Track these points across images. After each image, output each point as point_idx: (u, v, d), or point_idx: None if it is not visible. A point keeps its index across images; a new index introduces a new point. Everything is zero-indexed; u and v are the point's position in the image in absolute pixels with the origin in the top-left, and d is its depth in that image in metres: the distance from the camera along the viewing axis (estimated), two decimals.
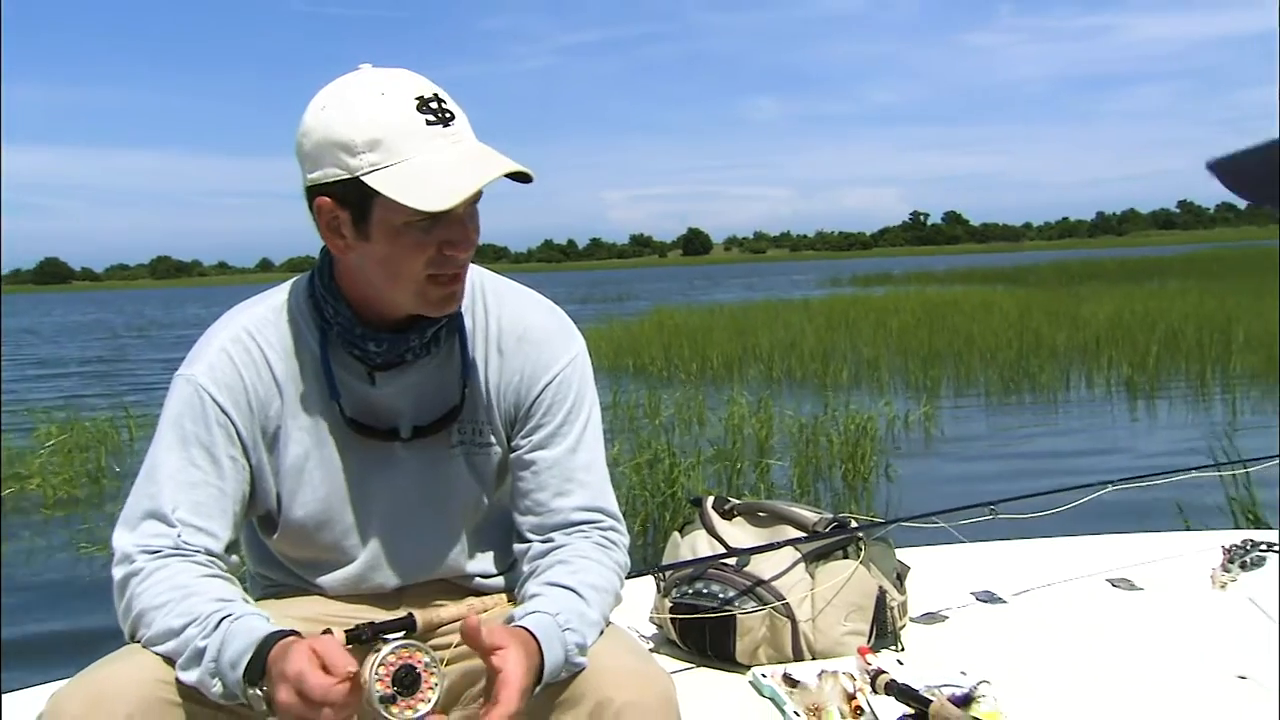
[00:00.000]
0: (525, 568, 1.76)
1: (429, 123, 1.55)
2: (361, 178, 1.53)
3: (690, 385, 13.37)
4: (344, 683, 1.39)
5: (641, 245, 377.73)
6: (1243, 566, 2.89)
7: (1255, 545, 3.00)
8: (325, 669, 1.39)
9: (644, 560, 5.09)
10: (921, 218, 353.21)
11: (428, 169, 1.53)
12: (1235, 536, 3.13)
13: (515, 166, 1.56)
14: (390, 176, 1.53)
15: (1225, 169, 1.12)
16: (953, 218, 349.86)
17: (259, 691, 1.45)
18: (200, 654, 1.49)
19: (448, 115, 1.57)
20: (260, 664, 1.46)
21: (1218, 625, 2.56)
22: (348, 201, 1.57)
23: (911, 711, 1.76)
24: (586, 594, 1.65)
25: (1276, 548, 3.00)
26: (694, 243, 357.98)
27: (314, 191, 1.60)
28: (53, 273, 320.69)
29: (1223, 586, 2.82)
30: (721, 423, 10.23)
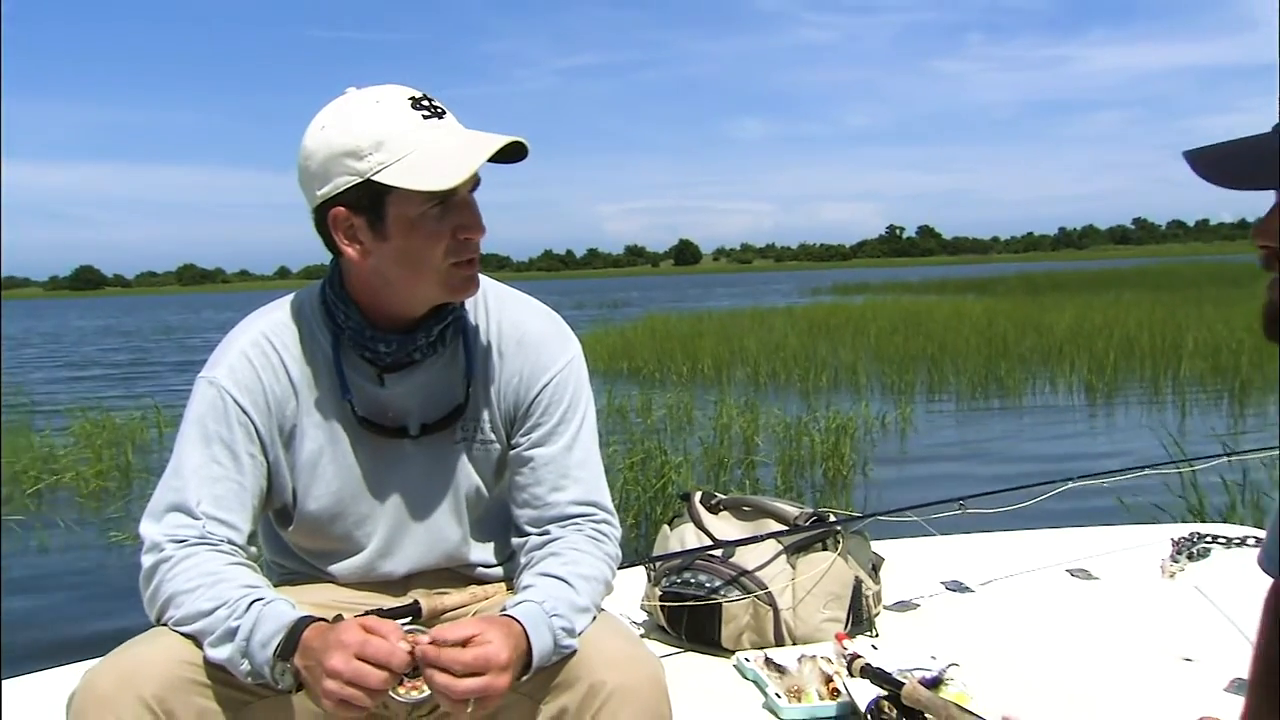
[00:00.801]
0: (522, 559, 1.76)
1: (424, 117, 1.57)
2: (373, 178, 1.55)
3: (681, 387, 13.35)
4: (401, 653, 1.42)
5: (635, 255, 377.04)
6: (1190, 557, 2.91)
7: (1201, 538, 3.01)
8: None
9: (635, 552, 5.09)
10: (897, 231, 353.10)
11: (432, 155, 1.55)
12: (1183, 530, 3.14)
13: (510, 139, 1.57)
14: (399, 169, 1.54)
15: (1198, 157, 1.16)
16: (926, 231, 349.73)
17: (288, 665, 1.46)
18: (232, 633, 1.50)
19: (439, 110, 1.60)
20: (291, 645, 1.47)
21: (1166, 611, 2.57)
22: (362, 206, 1.58)
23: (885, 693, 1.75)
24: (576, 583, 1.65)
25: (1220, 540, 3.02)
26: (684, 253, 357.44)
27: (326, 206, 1.61)
28: (87, 279, 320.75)
29: (1171, 576, 2.82)
30: (710, 423, 10.21)
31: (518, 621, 1.53)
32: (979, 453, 9.65)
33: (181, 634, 1.55)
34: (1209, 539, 3.01)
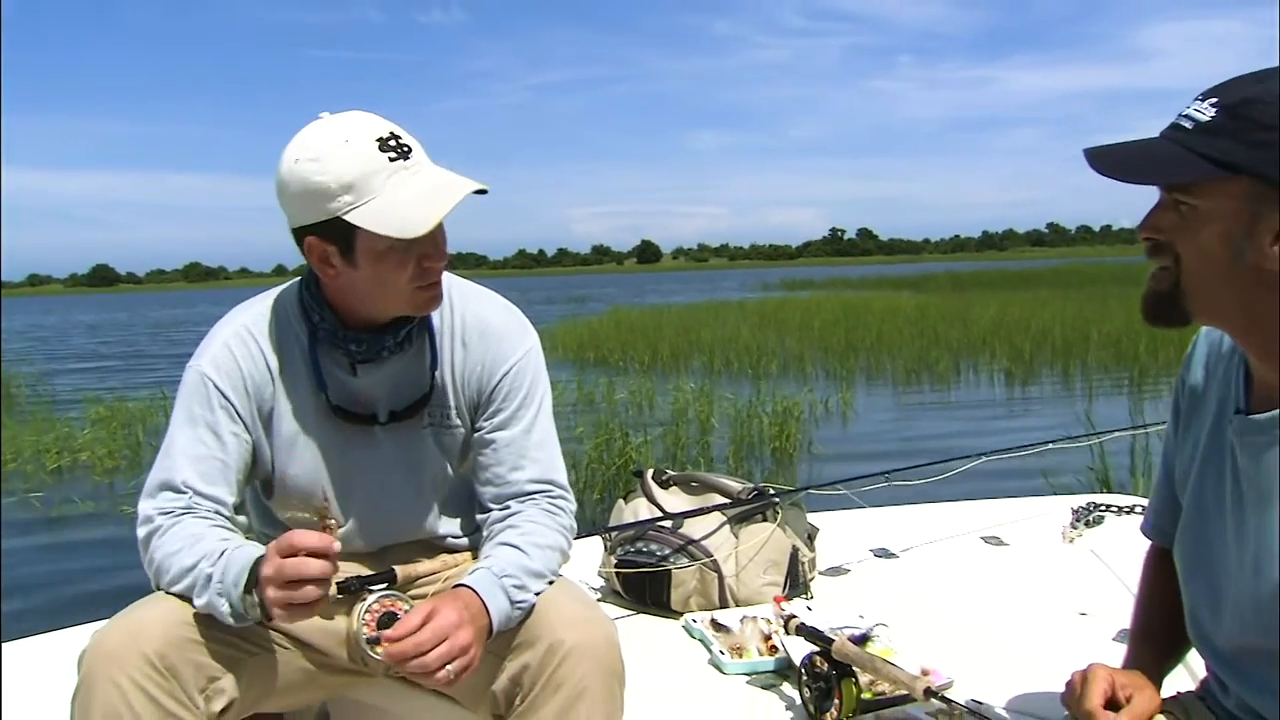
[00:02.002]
0: (485, 533, 1.78)
1: (391, 159, 1.54)
2: (342, 217, 1.53)
3: (642, 375, 13.38)
4: (314, 537, 1.44)
5: (601, 254, 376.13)
6: (1087, 524, 2.94)
7: (1096, 507, 3.05)
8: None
9: (593, 523, 5.12)
10: (839, 233, 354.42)
11: (398, 201, 1.53)
12: (1082, 500, 3.17)
13: (473, 187, 1.56)
14: (366, 212, 1.53)
15: (1098, 155, 1.19)
16: (865, 234, 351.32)
17: (254, 597, 1.48)
18: (209, 579, 1.52)
19: (405, 150, 1.57)
20: (254, 578, 1.48)
21: (1066, 572, 2.60)
22: (333, 237, 1.57)
23: (817, 649, 1.76)
24: (529, 549, 1.66)
25: (1113, 509, 3.05)
26: (646, 253, 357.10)
27: (301, 232, 1.60)
28: (102, 277, 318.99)
29: (1071, 541, 2.85)
30: (669, 407, 10.24)
31: (469, 587, 1.55)
32: (911, 432, 9.74)
33: (175, 594, 1.57)
34: (1103, 508, 3.05)
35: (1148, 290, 1.23)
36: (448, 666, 1.46)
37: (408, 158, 1.56)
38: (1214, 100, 1.15)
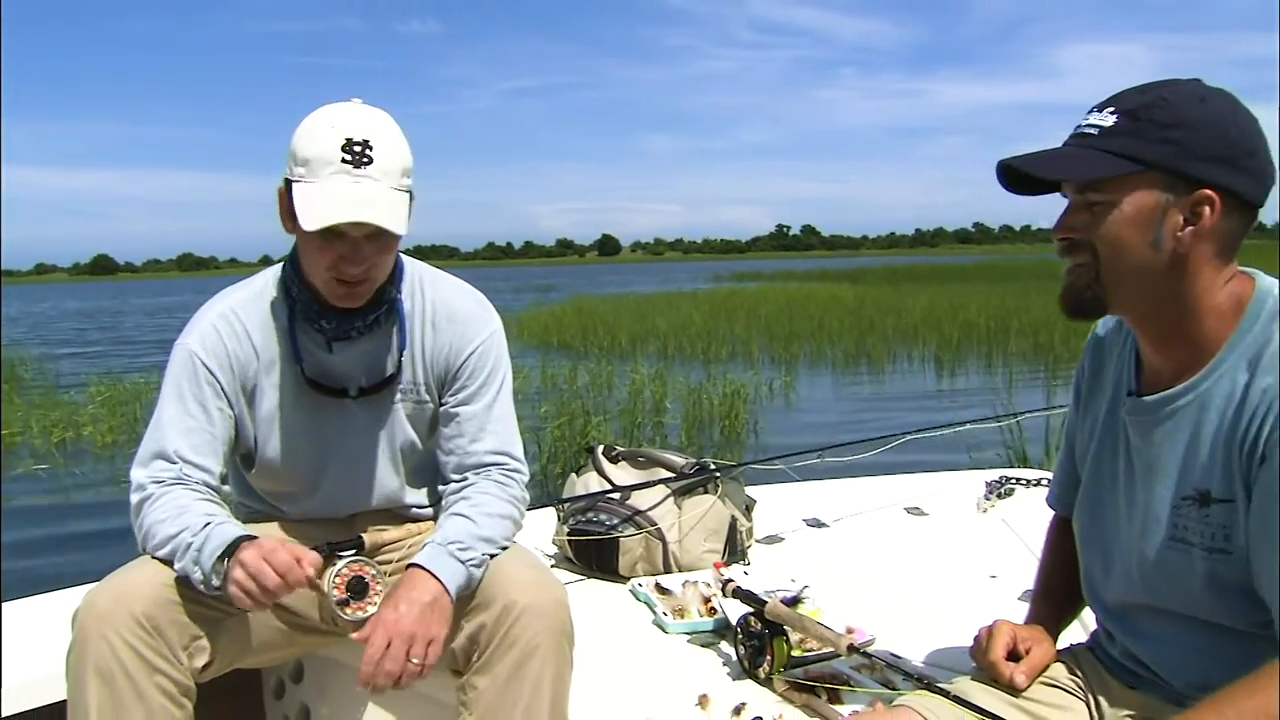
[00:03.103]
0: (443, 503, 1.79)
1: (344, 160, 1.54)
2: (292, 183, 1.56)
3: (602, 359, 13.36)
4: (303, 570, 1.48)
5: (565, 247, 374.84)
6: (999, 496, 2.97)
7: (1008, 480, 3.08)
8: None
9: (549, 494, 5.12)
10: (784, 230, 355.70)
11: (321, 195, 1.54)
12: (995, 474, 3.20)
13: (379, 223, 1.54)
14: (301, 189, 1.55)
15: (1009, 166, 1.22)
16: (808, 230, 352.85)
17: (223, 567, 1.50)
18: (188, 548, 1.53)
19: (365, 160, 1.55)
20: (230, 554, 1.50)
21: (979, 540, 2.63)
22: (289, 195, 1.58)
23: (752, 610, 1.78)
24: (478, 518, 1.68)
25: (1023, 481, 3.09)
26: (607, 246, 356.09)
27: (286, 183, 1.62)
28: (102, 266, 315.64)
29: (984, 511, 2.89)
30: (626, 388, 10.25)
31: (422, 567, 1.56)
32: (849, 412, 9.83)
33: (160, 559, 1.57)
34: (1014, 481, 3.08)
35: (1066, 285, 1.25)
36: (413, 661, 1.50)
37: (359, 167, 1.55)
38: (1112, 109, 1.18)
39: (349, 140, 1.55)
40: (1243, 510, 1.16)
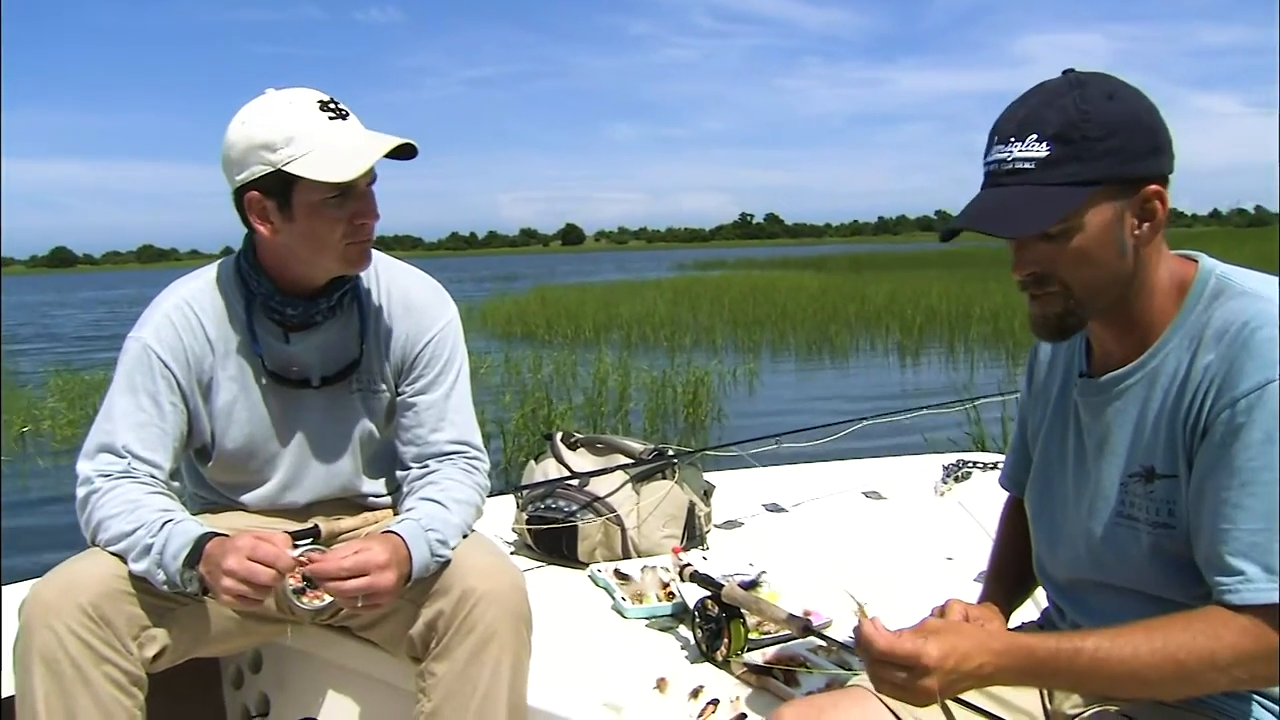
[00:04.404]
0: (405, 489, 1.78)
1: (330, 118, 1.57)
2: (283, 168, 1.54)
3: (566, 347, 13.34)
4: (286, 556, 1.47)
5: (529, 237, 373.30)
6: (956, 479, 2.99)
7: (965, 464, 3.10)
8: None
9: (507, 483, 5.11)
10: (748, 218, 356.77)
11: (333, 151, 1.54)
12: (952, 458, 3.22)
13: (400, 140, 1.58)
14: (305, 162, 1.54)
15: (961, 225, 1.19)
16: (772, 218, 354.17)
17: (193, 573, 1.49)
18: (148, 549, 1.51)
19: (344, 112, 1.59)
20: (196, 556, 1.49)
21: (936, 522, 2.65)
22: (273, 191, 1.57)
23: (709, 594, 1.79)
24: (448, 504, 1.68)
25: (979, 465, 3.11)
26: (570, 235, 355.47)
27: (243, 190, 1.60)
28: (61, 259, 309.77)
29: (942, 495, 2.91)
30: (590, 377, 10.24)
31: (397, 534, 1.56)
32: (811, 398, 9.89)
33: (111, 553, 1.55)
34: (971, 464, 3.11)
35: (1040, 315, 1.23)
36: (360, 600, 1.49)
37: (345, 119, 1.59)
38: (1035, 136, 1.15)
39: (321, 102, 1.58)
40: (1184, 485, 1.19)
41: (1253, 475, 1.11)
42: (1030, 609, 1.61)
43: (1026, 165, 1.16)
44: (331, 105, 1.58)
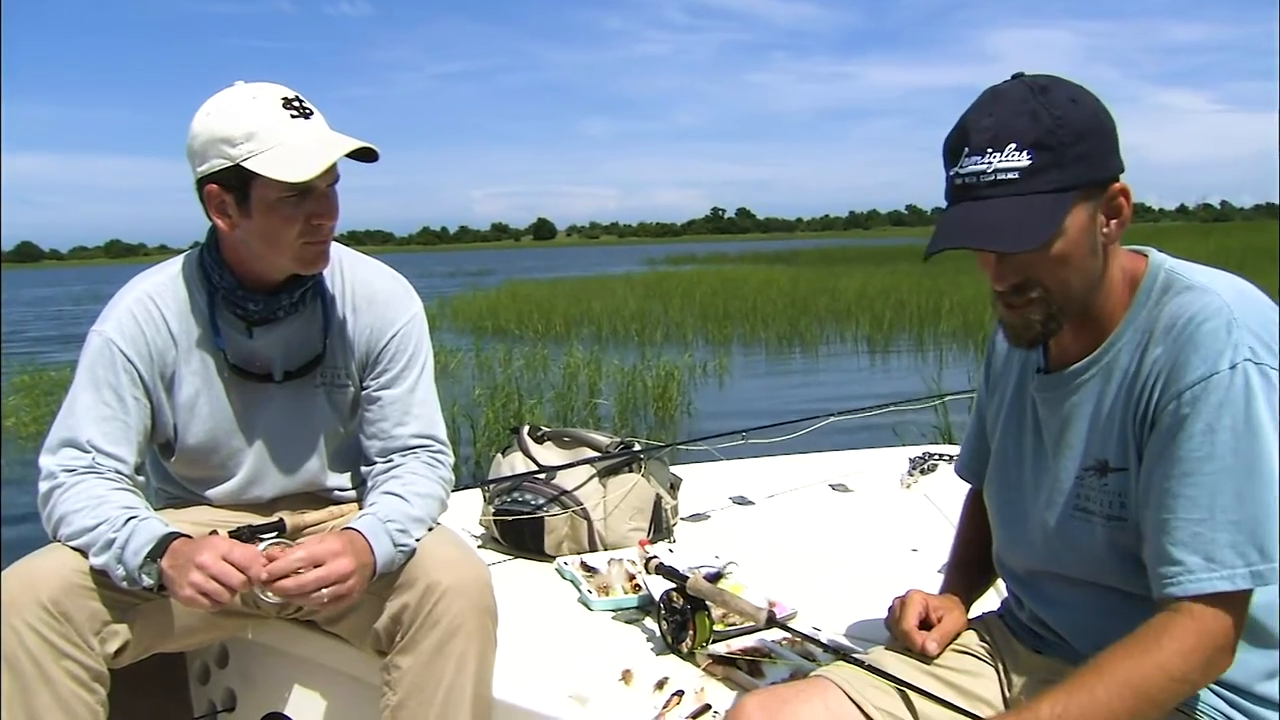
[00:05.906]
0: (369, 483, 1.78)
1: (293, 116, 1.56)
2: (242, 164, 1.53)
3: (537, 342, 13.31)
4: (260, 563, 1.48)
5: (500, 232, 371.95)
6: (922, 472, 3.01)
7: (931, 456, 3.13)
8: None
9: (481, 477, 5.09)
10: (719, 212, 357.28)
11: (292, 150, 1.53)
12: (918, 451, 3.25)
13: (360, 144, 1.57)
14: (264, 160, 1.53)
15: (950, 244, 1.18)
16: (743, 213, 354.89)
17: (154, 566, 1.48)
18: (110, 544, 1.50)
19: (308, 111, 1.58)
20: (159, 551, 1.48)
21: (902, 514, 2.67)
22: (231, 186, 1.57)
23: (674, 586, 1.80)
24: (410, 498, 1.68)
25: (945, 458, 3.13)
26: (542, 230, 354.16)
27: (203, 182, 1.59)
28: (26, 254, 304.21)
29: (908, 487, 2.93)
30: (561, 371, 10.24)
31: (356, 530, 1.56)
32: (782, 392, 9.94)
33: (72, 548, 1.54)
34: (936, 457, 3.13)
35: (1020, 324, 1.23)
36: (323, 590, 1.48)
37: (308, 118, 1.58)
38: (1015, 145, 1.14)
39: (285, 99, 1.57)
40: (1135, 478, 1.21)
41: (1194, 466, 1.13)
42: (992, 598, 1.63)
43: (1010, 175, 1.14)
44: (296, 103, 1.57)
